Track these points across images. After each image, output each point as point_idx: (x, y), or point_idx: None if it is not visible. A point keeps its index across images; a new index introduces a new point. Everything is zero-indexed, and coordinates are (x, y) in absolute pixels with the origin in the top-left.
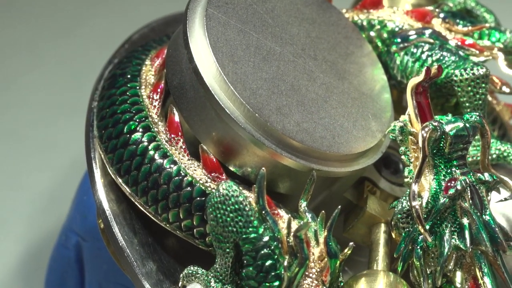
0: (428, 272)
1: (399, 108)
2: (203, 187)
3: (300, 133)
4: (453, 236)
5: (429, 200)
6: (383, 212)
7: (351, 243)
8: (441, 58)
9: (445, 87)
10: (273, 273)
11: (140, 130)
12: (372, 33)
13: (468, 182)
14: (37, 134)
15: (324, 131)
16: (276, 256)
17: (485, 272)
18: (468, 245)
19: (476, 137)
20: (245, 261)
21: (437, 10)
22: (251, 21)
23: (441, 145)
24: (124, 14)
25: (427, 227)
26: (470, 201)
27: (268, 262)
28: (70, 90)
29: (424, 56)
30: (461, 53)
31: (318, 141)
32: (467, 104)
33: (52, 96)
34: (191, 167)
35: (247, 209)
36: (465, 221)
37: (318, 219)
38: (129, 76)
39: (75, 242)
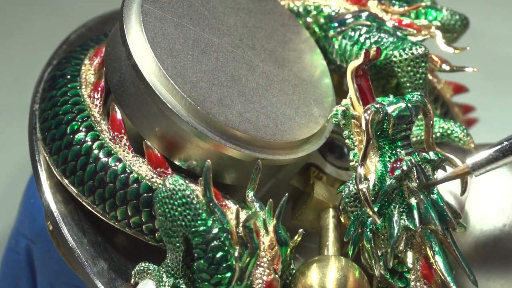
0: (379, 254)
1: (340, 92)
2: (149, 183)
3: (243, 123)
4: (402, 217)
5: (376, 182)
6: (330, 197)
7: (300, 230)
8: (379, 40)
9: (385, 68)
10: (224, 265)
11: (83, 129)
12: (309, 19)
13: (413, 162)
14: None
15: (267, 119)
16: (226, 248)
17: (436, 251)
18: (418, 224)
19: (419, 117)
20: (196, 254)
21: None
22: (187, 14)
23: (385, 126)
24: (60, 14)
25: (376, 209)
26: (417, 181)
27: (219, 254)
28: (11, 93)
29: (362, 39)
30: (399, 33)
31: (262, 130)
32: (408, 84)
33: None
34: (136, 163)
35: (194, 202)
36: (413, 201)
37: (266, 208)
38: (69, 76)
39: (25, 246)
